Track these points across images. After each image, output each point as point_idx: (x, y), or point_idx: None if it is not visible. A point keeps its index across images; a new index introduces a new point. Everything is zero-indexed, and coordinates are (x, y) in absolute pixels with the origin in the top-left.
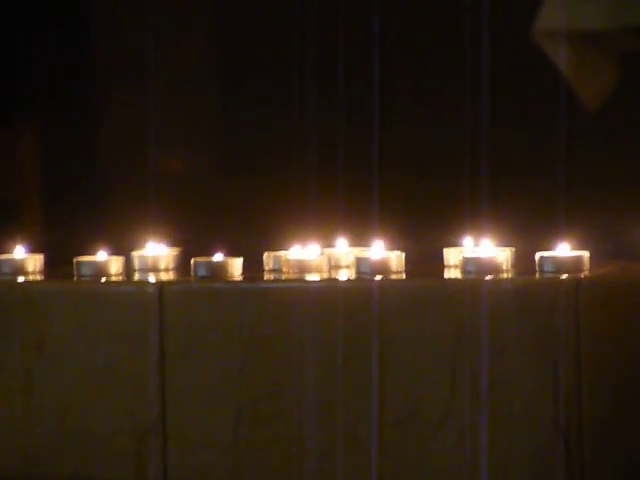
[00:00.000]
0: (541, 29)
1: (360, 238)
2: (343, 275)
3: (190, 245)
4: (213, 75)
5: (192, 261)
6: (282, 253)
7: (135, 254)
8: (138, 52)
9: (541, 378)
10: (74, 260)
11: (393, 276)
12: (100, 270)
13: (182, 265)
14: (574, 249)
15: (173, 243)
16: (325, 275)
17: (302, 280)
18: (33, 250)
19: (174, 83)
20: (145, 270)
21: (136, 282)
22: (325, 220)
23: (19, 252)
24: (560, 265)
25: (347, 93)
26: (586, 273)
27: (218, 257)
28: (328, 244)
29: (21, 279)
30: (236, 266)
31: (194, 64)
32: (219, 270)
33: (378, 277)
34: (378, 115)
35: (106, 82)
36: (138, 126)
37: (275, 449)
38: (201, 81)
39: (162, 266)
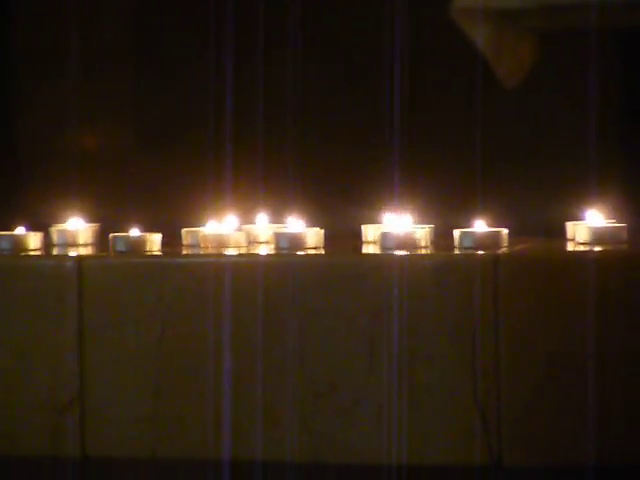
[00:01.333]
0: (459, 7)
1: (279, 215)
2: (261, 250)
3: (109, 221)
4: (130, 54)
5: (110, 236)
6: (200, 229)
7: (54, 229)
8: (56, 32)
9: (459, 353)
10: None
11: (312, 252)
12: (19, 244)
13: (101, 240)
14: (492, 226)
15: (92, 218)
16: (243, 250)
17: (220, 255)
18: None
19: (92, 63)
20: (64, 245)
21: (55, 256)
22: (245, 196)
23: None
24: (478, 241)
25: (265, 69)
26: (504, 249)
27: (136, 232)
28: (248, 220)
29: None
30: (154, 241)
31: (111, 44)
32: (137, 245)
33: (296, 252)
34: (300, 90)
35: (25, 61)
36: (57, 105)
37: (193, 424)
38: (118, 60)
39: (81, 241)
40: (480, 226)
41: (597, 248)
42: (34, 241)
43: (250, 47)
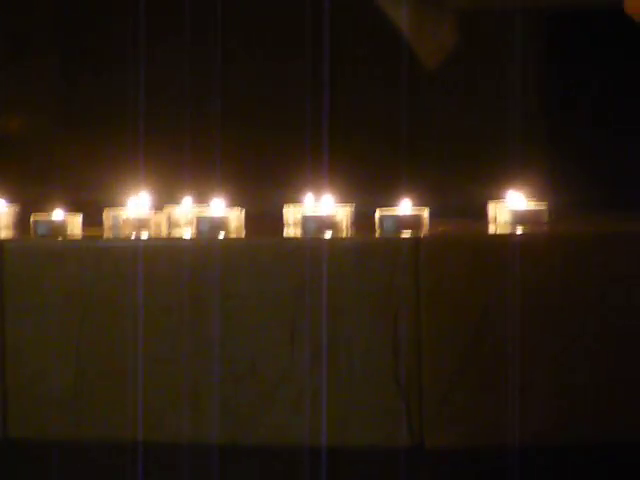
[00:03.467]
0: None
1: (201, 196)
2: (182, 234)
3: (31, 202)
4: (51, 34)
5: (31, 218)
6: (122, 209)
7: None
8: None
9: (381, 335)
10: None
11: (233, 234)
12: None
13: (22, 222)
14: (413, 206)
15: (13, 200)
16: (164, 233)
17: (140, 239)
18: None
19: (14, 45)
20: None
21: None
22: (167, 176)
23: None
24: (399, 223)
25: (187, 50)
26: (425, 231)
27: (58, 215)
28: (171, 200)
29: None
30: (76, 223)
31: (34, 24)
32: (59, 228)
33: (218, 235)
34: (221, 72)
35: None
36: None
37: (115, 406)
38: (40, 42)
39: (2, 223)
40: (403, 206)
41: (518, 230)
42: None
43: (169, 28)
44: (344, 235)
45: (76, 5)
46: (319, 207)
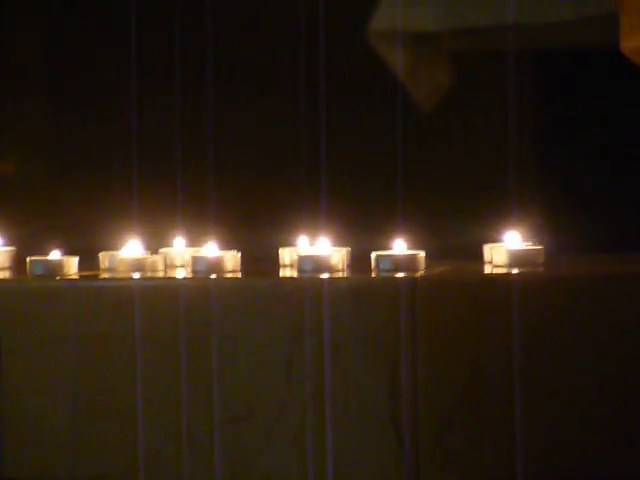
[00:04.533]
0: (375, 30)
1: (196, 239)
2: (178, 274)
3: (25, 244)
4: (45, 78)
5: (28, 259)
6: (117, 252)
7: None
8: None
9: (378, 376)
10: None
11: (229, 275)
12: None
13: (18, 264)
14: (410, 249)
15: (9, 242)
16: (160, 274)
17: (136, 279)
18: None
19: (8, 90)
20: None
21: None
22: (161, 220)
23: None
24: (396, 264)
25: (181, 96)
26: (422, 272)
27: (54, 255)
28: (165, 244)
29: None
30: (72, 265)
31: (26, 71)
32: (55, 268)
33: (213, 276)
34: (212, 114)
35: None
36: None
37: (112, 447)
38: (33, 87)
39: None
40: (398, 248)
41: (514, 270)
42: None
43: (162, 74)
44: (341, 275)
45: (70, 53)
46: (315, 249)
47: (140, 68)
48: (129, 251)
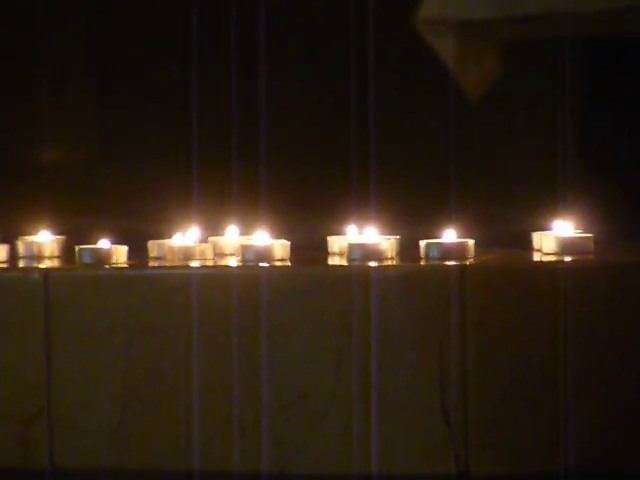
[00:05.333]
0: (424, 18)
1: (246, 227)
2: (228, 262)
3: (75, 233)
4: (90, 67)
5: (77, 248)
6: (166, 241)
7: (20, 241)
8: (16, 49)
9: (427, 364)
10: None
11: (278, 263)
12: None
13: (67, 253)
14: (459, 237)
15: (58, 231)
16: (209, 262)
17: (186, 267)
18: None
19: (57, 77)
20: (30, 257)
21: (22, 269)
22: (212, 209)
23: None
24: (445, 252)
25: (235, 81)
26: (471, 260)
27: (103, 244)
28: (216, 233)
29: None
30: (121, 253)
31: (72, 57)
32: (104, 257)
33: (264, 264)
34: (263, 103)
35: None
36: (23, 117)
37: (162, 435)
38: (82, 75)
39: (47, 253)
40: (448, 237)
41: (564, 258)
42: (0, 253)
43: (217, 60)
44: (390, 263)
45: (119, 40)
46: (364, 237)
47: (189, 55)
48: (178, 240)
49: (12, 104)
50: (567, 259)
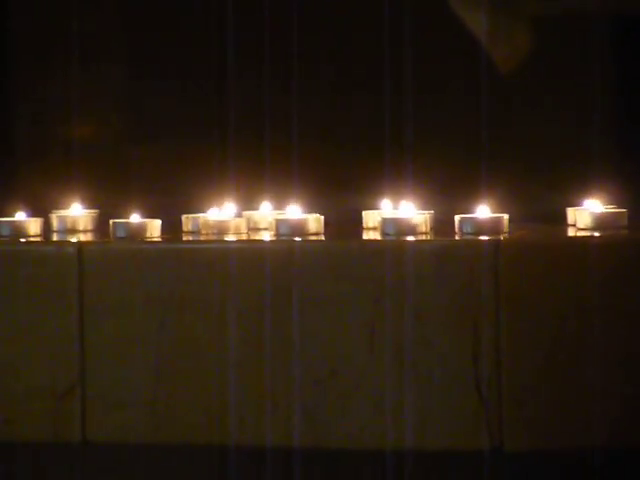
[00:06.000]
0: None
1: (280, 202)
2: (262, 236)
3: (108, 207)
4: (122, 42)
5: (111, 222)
6: (201, 215)
7: (54, 215)
8: (48, 23)
9: (461, 340)
10: None
11: (312, 238)
12: (19, 230)
13: (100, 227)
14: (493, 212)
15: (92, 205)
16: (244, 237)
17: (220, 241)
18: None
19: (90, 52)
20: (64, 231)
21: (56, 242)
22: (246, 184)
23: None
24: (479, 227)
25: (269, 57)
26: (505, 235)
27: (136, 218)
28: (250, 207)
29: None
30: (155, 227)
31: (103, 33)
32: (138, 231)
33: (297, 238)
34: (298, 81)
35: (23, 49)
36: (55, 92)
37: (194, 409)
38: (111, 50)
39: (81, 227)
40: (482, 212)
41: (597, 233)
42: (34, 227)
43: (251, 39)
44: (424, 238)
45: (152, 17)
46: (398, 212)
47: (222, 30)
48: (212, 214)
49: (45, 79)
50: (601, 234)
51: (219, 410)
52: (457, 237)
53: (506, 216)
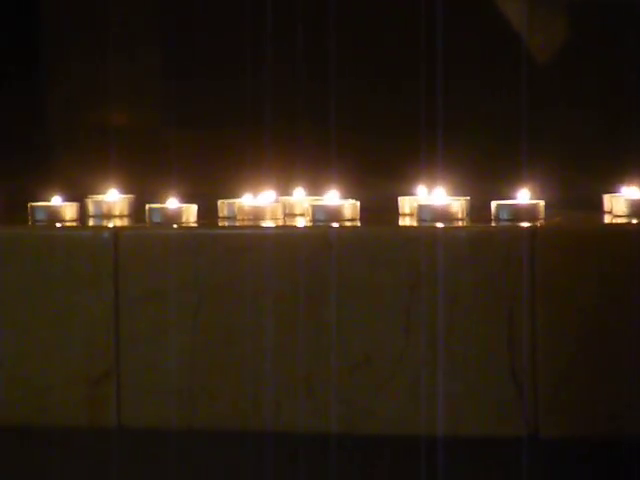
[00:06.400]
0: None
1: (316, 188)
2: (298, 222)
3: (144, 193)
4: (162, 28)
5: (147, 207)
6: (236, 200)
7: (90, 200)
8: (82, 7)
9: (496, 326)
10: (28, 205)
11: (348, 224)
12: (55, 215)
13: (136, 212)
14: (530, 198)
15: (127, 190)
16: (279, 222)
17: (256, 227)
18: None
19: (123, 36)
20: (99, 216)
21: (91, 227)
22: (281, 170)
23: None
24: (516, 213)
25: (304, 44)
26: (541, 221)
27: (172, 203)
28: (285, 193)
29: None
30: (191, 213)
31: (141, 17)
32: (173, 216)
33: (333, 224)
34: (334, 66)
35: (54, 35)
36: (90, 76)
37: (230, 395)
38: (146, 33)
39: (117, 212)
40: (518, 198)
41: (634, 220)
42: (70, 212)
43: (286, 23)
44: (460, 224)
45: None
46: (434, 198)
47: (257, 14)
48: (248, 200)
49: (80, 62)
50: (637, 221)
51: (254, 396)
52: (493, 223)
53: (542, 202)
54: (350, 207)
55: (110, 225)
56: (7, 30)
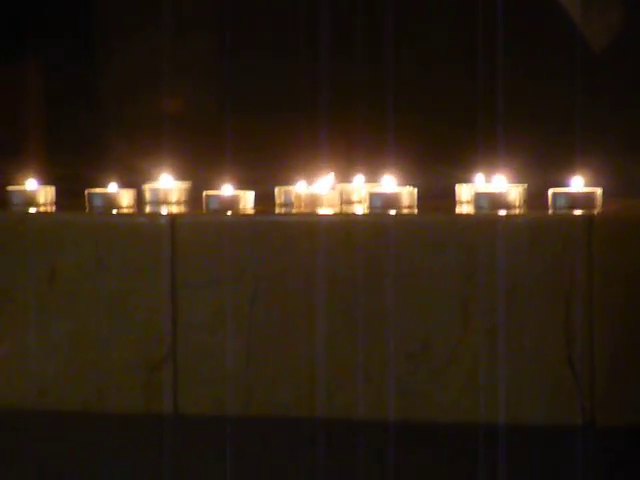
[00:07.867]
0: None
1: (373, 175)
2: (355, 210)
3: (201, 179)
4: (215, 11)
5: (204, 194)
6: (293, 187)
7: (147, 187)
8: None
9: (553, 315)
10: (86, 192)
11: (405, 211)
12: (112, 202)
13: (193, 199)
14: (587, 186)
15: (184, 177)
16: (337, 210)
17: (313, 214)
18: (44, 183)
19: (180, 21)
20: (156, 203)
21: (148, 214)
22: (339, 157)
23: (31, 184)
24: (573, 201)
25: (361, 31)
26: (599, 210)
27: (229, 190)
28: (343, 180)
29: (33, 210)
30: (248, 200)
31: (195, 2)
32: (231, 203)
33: (391, 212)
34: (392, 54)
35: (109, 19)
36: (147, 63)
37: (286, 384)
38: (203, 19)
39: (173, 199)
40: (577, 185)
41: None
42: (127, 199)
43: (344, 8)
44: (517, 212)
45: None
46: (491, 186)
47: (314, 2)
48: (305, 187)
49: (137, 49)
50: None
51: (310, 383)
52: (550, 211)
53: (599, 190)
54: (407, 194)
55: (167, 212)
56: (65, 26)
